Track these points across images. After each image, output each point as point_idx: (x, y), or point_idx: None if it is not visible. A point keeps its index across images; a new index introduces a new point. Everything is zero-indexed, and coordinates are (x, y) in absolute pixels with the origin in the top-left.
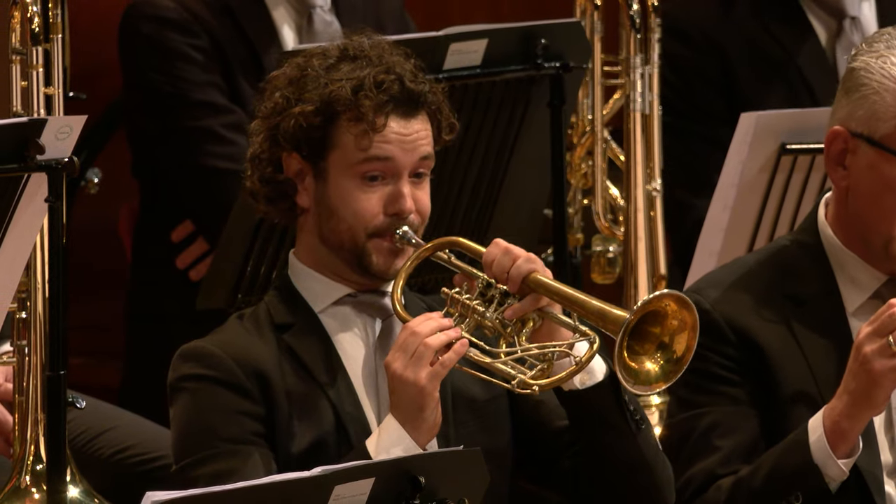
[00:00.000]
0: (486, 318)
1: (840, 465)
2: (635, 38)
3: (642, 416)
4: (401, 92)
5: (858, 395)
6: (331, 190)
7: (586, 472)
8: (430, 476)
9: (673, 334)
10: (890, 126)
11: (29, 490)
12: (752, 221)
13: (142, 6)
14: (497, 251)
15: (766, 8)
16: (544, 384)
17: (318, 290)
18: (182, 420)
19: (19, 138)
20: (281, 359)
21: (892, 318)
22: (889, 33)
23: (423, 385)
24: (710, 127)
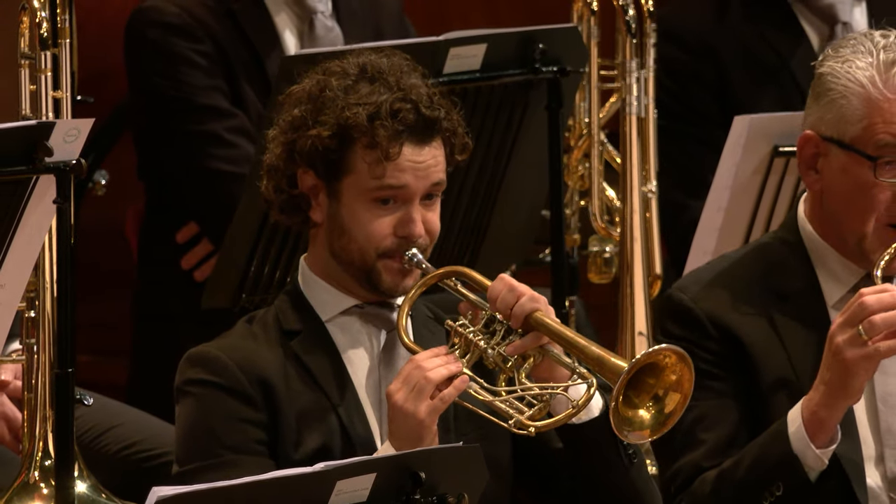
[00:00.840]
0: (487, 353)
1: (819, 455)
2: (631, 42)
3: (635, 451)
4: (416, 120)
5: (834, 385)
6: (343, 210)
7: (582, 496)
8: (431, 472)
9: (667, 390)
10: (858, 128)
11: (38, 485)
12: (745, 222)
13: (147, 12)
14: (502, 287)
15: (759, 13)
16: (541, 426)
17: (327, 300)
18: (186, 424)
19: (28, 141)
20: (287, 366)
21: (861, 307)
22: (855, 38)
23: (422, 418)
24: (705, 130)
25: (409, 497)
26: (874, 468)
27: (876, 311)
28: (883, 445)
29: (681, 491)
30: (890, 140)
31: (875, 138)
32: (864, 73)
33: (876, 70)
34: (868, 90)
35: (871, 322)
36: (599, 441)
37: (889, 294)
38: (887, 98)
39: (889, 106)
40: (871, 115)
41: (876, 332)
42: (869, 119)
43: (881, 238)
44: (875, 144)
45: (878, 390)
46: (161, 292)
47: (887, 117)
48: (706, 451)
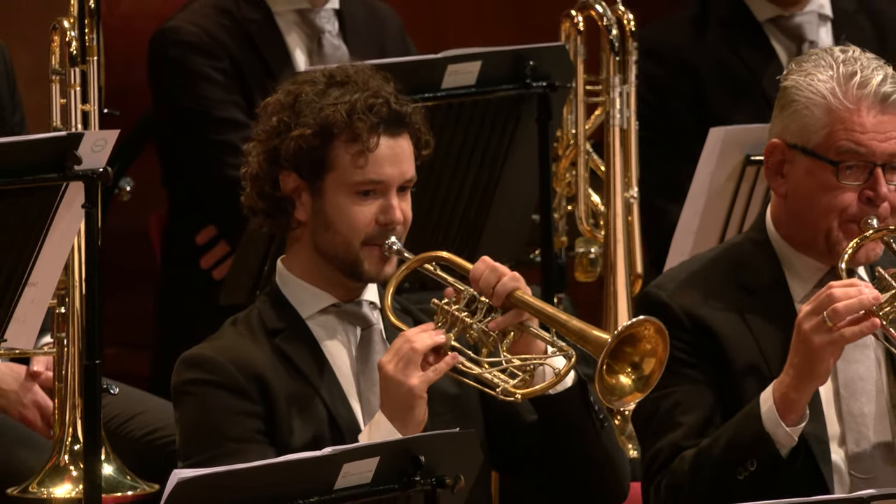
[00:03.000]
0: (471, 328)
1: (789, 432)
2: (614, 60)
3: (605, 416)
4: (389, 113)
5: (802, 369)
6: (327, 205)
7: (555, 465)
8: (430, 455)
9: (644, 356)
10: (821, 136)
11: (67, 468)
12: (720, 225)
13: (169, 32)
14: (484, 268)
15: (734, 33)
16: (526, 393)
17: (306, 299)
18: (189, 422)
19: (59, 150)
20: (275, 361)
21: (828, 297)
22: (816, 54)
23: (412, 386)
24: (683, 140)
25: (410, 479)
26: (837, 447)
27: (841, 299)
28: (845, 427)
29: (661, 469)
30: (850, 146)
31: (836, 145)
32: (825, 85)
33: (836, 82)
34: (829, 101)
35: (835, 310)
36: (573, 408)
37: (855, 287)
38: (847, 108)
39: (849, 115)
40: (833, 124)
41: (840, 319)
42: (830, 127)
43: (846, 233)
44: (836, 150)
45: (841, 377)
46: (182, 290)
47: (847, 125)
48: (684, 432)
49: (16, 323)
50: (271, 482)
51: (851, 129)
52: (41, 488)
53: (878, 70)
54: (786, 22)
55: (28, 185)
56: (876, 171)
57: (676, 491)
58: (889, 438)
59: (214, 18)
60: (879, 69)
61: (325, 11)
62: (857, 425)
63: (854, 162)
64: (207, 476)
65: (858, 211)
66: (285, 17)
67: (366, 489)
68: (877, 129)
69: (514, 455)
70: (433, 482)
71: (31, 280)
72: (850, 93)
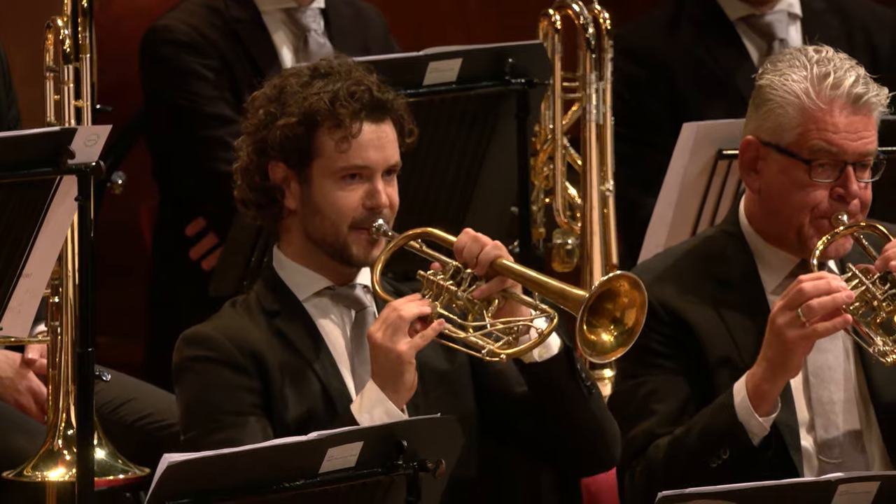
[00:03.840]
0: (457, 296)
1: (761, 422)
2: (591, 57)
3: (592, 383)
4: (371, 100)
5: (775, 362)
6: (315, 192)
7: (545, 433)
8: (412, 440)
9: (624, 310)
10: (794, 134)
11: (61, 452)
12: (693, 217)
13: (160, 30)
14: (467, 239)
15: (706, 31)
16: (511, 353)
17: (302, 282)
18: (189, 396)
19: (53, 145)
20: (272, 339)
21: (800, 293)
22: (791, 53)
23: (401, 352)
24: (657, 135)
25: (393, 463)
26: (806, 433)
27: (813, 296)
28: (814, 414)
29: (636, 456)
30: (822, 145)
31: (809, 144)
32: (799, 85)
33: (810, 83)
34: (803, 100)
35: (809, 306)
36: (560, 375)
37: (824, 281)
38: (820, 108)
39: (822, 115)
40: (806, 123)
41: (813, 315)
42: (804, 126)
43: (817, 228)
44: (809, 149)
45: (811, 365)
46: (172, 280)
47: (820, 125)
48: (659, 420)
49: (11, 312)
50: (259, 466)
51: (824, 128)
52: (35, 472)
53: (851, 71)
54: (757, 21)
55: (23, 178)
56: (847, 170)
57: (651, 477)
58: (857, 426)
59: (204, 17)
60: (852, 70)
61: (311, 10)
62: (825, 412)
63: (826, 160)
64: (197, 460)
65: (829, 207)
66: (272, 15)
67: (350, 473)
68: (848, 129)
69: (505, 426)
70: (415, 466)
71: (25, 271)
72: (824, 93)
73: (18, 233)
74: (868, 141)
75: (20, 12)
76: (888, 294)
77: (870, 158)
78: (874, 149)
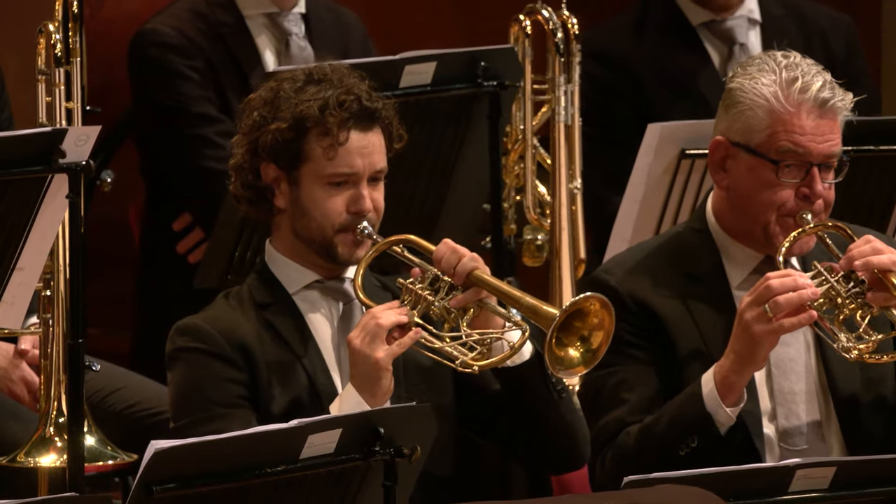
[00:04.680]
0: (433, 305)
1: (728, 413)
2: (559, 61)
3: (563, 387)
4: (359, 109)
5: (742, 355)
6: (303, 194)
7: (518, 432)
8: (389, 427)
9: (592, 330)
10: (763, 136)
11: (52, 439)
12: (657, 213)
13: (148, 34)
14: (446, 249)
15: (670, 36)
16: (483, 365)
17: (292, 276)
18: (179, 385)
19: (45, 145)
20: (261, 332)
21: (767, 289)
22: (760, 58)
23: (379, 359)
24: (623, 135)
25: (370, 449)
26: (769, 422)
27: (780, 292)
28: (776, 404)
29: (607, 443)
30: (790, 147)
31: (777, 145)
32: (768, 88)
33: (779, 86)
34: (772, 103)
35: (776, 302)
36: (532, 379)
37: (791, 278)
38: (788, 111)
39: (790, 117)
40: (774, 125)
41: (780, 311)
42: (772, 128)
43: (783, 226)
44: (777, 150)
45: (773, 357)
46: (159, 273)
47: (788, 127)
48: (629, 409)
49: (4, 305)
50: (242, 452)
51: (791, 130)
52: (28, 458)
53: (818, 76)
54: (718, 26)
55: (16, 177)
56: (812, 171)
57: (621, 463)
58: (817, 416)
59: (190, 21)
60: (819, 75)
61: (293, 15)
62: (787, 402)
63: (793, 161)
64: (182, 447)
65: (795, 206)
66: (255, 20)
67: (329, 458)
68: (815, 131)
69: (483, 421)
70: (392, 452)
71: (18, 265)
72: (792, 97)
73: (12, 228)
74: (833, 143)
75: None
76: (851, 292)
77: (834, 160)
78: (838, 151)
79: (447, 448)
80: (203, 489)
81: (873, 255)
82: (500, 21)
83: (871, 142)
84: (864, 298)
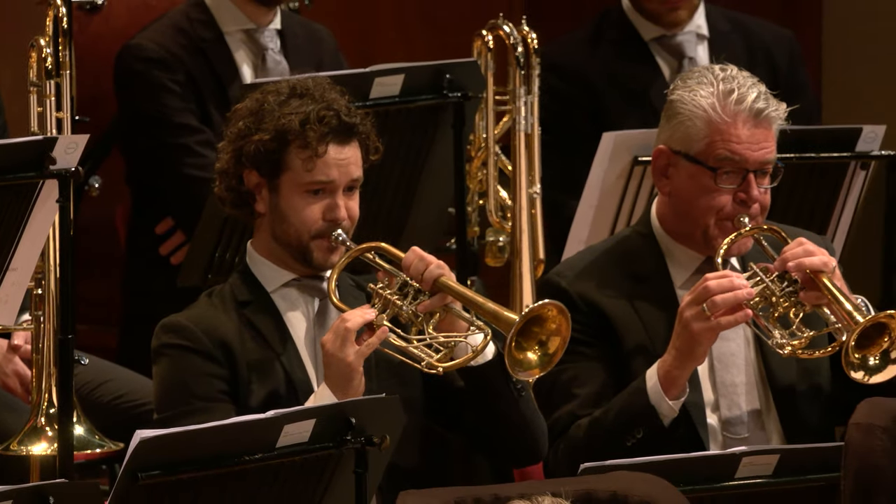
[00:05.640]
0: (402, 309)
1: (671, 405)
2: (520, 73)
3: (523, 386)
4: (338, 124)
5: (683, 351)
6: (282, 201)
7: (481, 427)
8: (360, 418)
9: (549, 335)
10: (702, 145)
11: (43, 428)
12: (611, 217)
13: (133, 48)
14: (414, 257)
15: (623, 50)
16: (447, 366)
17: (270, 275)
18: (162, 380)
19: (36, 152)
20: (242, 330)
21: (706, 289)
22: (699, 71)
23: (350, 361)
24: (579, 143)
25: (342, 438)
26: (712, 413)
27: (717, 292)
28: (718, 395)
29: (559, 435)
30: (727, 155)
31: (715, 153)
32: (706, 100)
33: (716, 98)
34: (710, 114)
35: (714, 301)
36: (493, 378)
37: (728, 279)
38: (725, 121)
39: (727, 127)
40: (712, 135)
41: (717, 310)
42: (710, 137)
43: (721, 229)
44: (715, 158)
45: (716, 352)
46: (144, 273)
47: (725, 136)
48: (580, 403)
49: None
50: (222, 441)
51: (728, 139)
52: (21, 446)
53: (753, 87)
54: (668, 41)
55: (9, 182)
56: (749, 177)
57: (573, 454)
58: (757, 405)
59: (172, 37)
60: (754, 87)
61: (269, 31)
62: (728, 394)
63: (730, 168)
64: (166, 436)
65: (732, 210)
66: (234, 36)
67: (304, 447)
68: (750, 140)
69: (448, 414)
70: (362, 441)
71: (11, 265)
72: (728, 108)
73: (5, 231)
74: (768, 151)
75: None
76: (785, 291)
77: (769, 166)
78: (773, 157)
79: (415, 439)
80: (185, 476)
81: (805, 257)
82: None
83: (813, 149)
84: (798, 297)
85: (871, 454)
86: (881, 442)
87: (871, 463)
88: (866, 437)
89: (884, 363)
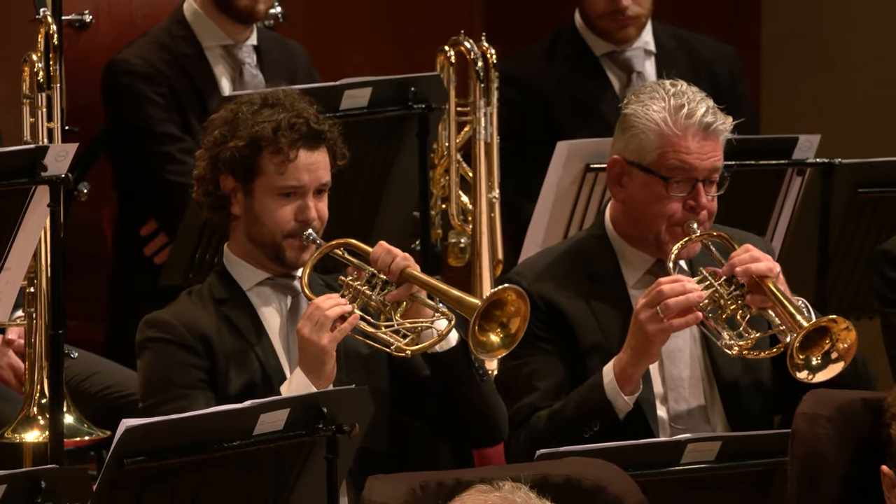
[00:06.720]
0: (371, 299)
1: (626, 400)
2: (480, 86)
3: (485, 371)
4: (308, 131)
5: (638, 350)
6: (256, 204)
7: (445, 412)
8: (331, 407)
9: (510, 317)
10: (654, 156)
11: (36, 418)
12: (565, 220)
13: (119, 63)
14: (381, 250)
15: (576, 65)
16: (414, 350)
17: (246, 274)
18: (147, 371)
19: (29, 160)
20: (220, 324)
21: (659, 293)
22: (651, 87)
23: (324, 346)
24: (535, 151)
25: (315, 426)
26: (661, 405)
27: (670, 296)
28: (667, 389)
29: (520, 426)
30: (678, 164)
31: (666, 163)
32: (658, 114)
33: (667, 112)
34: (661, 127)
35: (667, 304)
36: (457, 363)
37: (680, 283)
38: (676, 133)
39: (677, 140)
40: (664, 146)
41: (670, 312)
42: (662, 149)
43: (672, 234)
44: (666, 168)
45: (664, 347)
46: (129, 272)
47: (676, 148)
48: (540, 395)
49: None
50: (202, 429)
51: (679, 150)
52: (14, 434)
53: (702, 102)
54: (618, 56)
55: (3, 188)
56: (698, 185)
57: (533, 443)
58: (702, 400)
59: (156, 52)
60: (703, 101)
61: (246, 47)
62: (676, 388)
63: (680, 177)
64: (150, 424)
65: (682, 217)
66: (213, 51)
67: (279, 434)
68: (699, 151)
69: (414, 403)
70: (333, 429)
71: (6, 265)
72: (679, 121)
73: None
74: (716, 161)
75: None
76: (732, 295)
77: (717, 175)
78: (720, 167)
79: (382, 426)
80: (168, 461)
81: (752, 263)
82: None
83: (752, 157)
84: (744, 300)
85: (816, 442)
86: (825, 431)
87: (816, 451)
88: (812, 426)
89: (825, 363)
